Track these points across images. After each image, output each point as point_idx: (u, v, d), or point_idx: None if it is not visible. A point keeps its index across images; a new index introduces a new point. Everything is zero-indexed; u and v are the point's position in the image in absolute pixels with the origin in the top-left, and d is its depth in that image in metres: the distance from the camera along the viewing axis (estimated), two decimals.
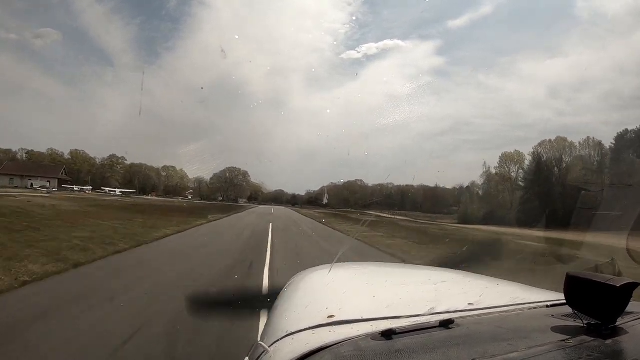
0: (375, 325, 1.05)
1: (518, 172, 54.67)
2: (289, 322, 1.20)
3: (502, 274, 2.81)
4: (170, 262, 9.61)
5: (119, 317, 5.03)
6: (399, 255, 12.42)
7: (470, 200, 55.83)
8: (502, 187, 52.28)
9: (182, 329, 4.51)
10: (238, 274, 7.89)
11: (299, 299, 1.53)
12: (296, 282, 1.80)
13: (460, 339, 0.93)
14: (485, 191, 54.98)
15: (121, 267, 8.38)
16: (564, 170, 45.15)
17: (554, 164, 46.49)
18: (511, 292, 1.50)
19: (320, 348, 0.94)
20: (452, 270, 2.19)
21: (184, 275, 7.55)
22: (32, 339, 4.24)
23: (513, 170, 55.11)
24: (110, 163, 63.40)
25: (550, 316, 1.10)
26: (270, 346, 1.05)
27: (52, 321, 4.80)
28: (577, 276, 0.96)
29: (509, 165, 56.23)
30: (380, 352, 0.88)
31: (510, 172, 55.14)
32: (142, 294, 6.13)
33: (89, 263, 8.16)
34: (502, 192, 51.07)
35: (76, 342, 4.22)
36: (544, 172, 44.64)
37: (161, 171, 70.50)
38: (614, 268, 4.70)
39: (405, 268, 3.37)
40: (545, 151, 49.62)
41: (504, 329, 1.01)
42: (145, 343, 4.22)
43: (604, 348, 0.86)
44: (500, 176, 54.54)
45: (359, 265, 2.37)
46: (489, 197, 52.16)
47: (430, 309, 1.16)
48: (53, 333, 4.44)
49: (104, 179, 59.10)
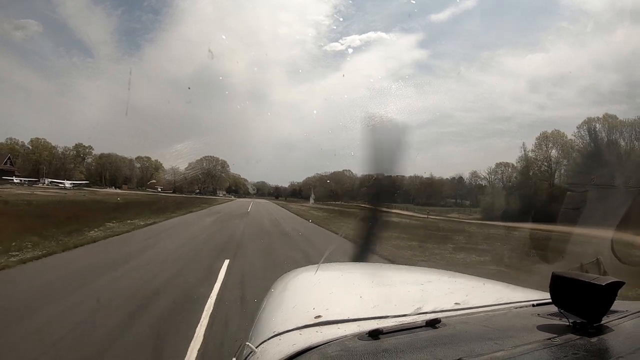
0: (362, 325, 1.07)
1: (563, 157, 45.12)
2: (276, 322, 1.20)
3: None
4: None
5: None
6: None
7: (494, 192, 47.61)
8: (541, 175, 43.80)
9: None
10: None
11: (286, 299, 1.52)
12: (283, 282, 1.76)
13: (446, 338, 0.95)
14: (519, 180, 46.47)
15: None
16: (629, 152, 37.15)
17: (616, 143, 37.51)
18: (497, 292, 1.53)
19: (307, 348, 0.95)
20: (439, 270, 2.39)
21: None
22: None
23: (553, 156, 46.25)
24: (76, 153, 57.31)
25: (537, 315, 1.12)
26: (257, 347, 1.06)
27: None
28: (563, 275, 0.98)
29: (548, 148, 46.56)
30: (367, 351, 0.89)
31: (550, 156, 45.97)
32: None
33: None
34: (542, 181, 42.73)
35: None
36: (603, 154, 36.04)
37: (135, 162, 64.60)
38: (600, 267, 5.01)
39: (392, 268, 3.31)
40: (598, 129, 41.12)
41: (490, 328, 1.03)
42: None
43: (590, 346, 0.88)
44: (544, 161, 44.89)
45: (346, 265, 2.37)
46: (525, 187, 43.04)
47: (417, 308, 1.18)
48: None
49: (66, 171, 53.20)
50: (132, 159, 66.60)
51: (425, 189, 77.64)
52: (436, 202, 72.26)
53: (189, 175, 62.88)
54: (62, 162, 55.75)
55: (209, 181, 65.34)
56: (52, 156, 55.53)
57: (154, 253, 9.89)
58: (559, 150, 44.94)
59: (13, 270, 7.30)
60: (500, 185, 67.28)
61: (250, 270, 8.09)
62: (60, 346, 3.96)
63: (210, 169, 65.07)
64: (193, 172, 60.81)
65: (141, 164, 69.18)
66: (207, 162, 64.52)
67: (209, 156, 64.58)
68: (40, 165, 53.01)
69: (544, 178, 43.04)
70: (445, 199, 76.40)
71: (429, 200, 73.41)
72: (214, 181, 65.63)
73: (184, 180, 63.81)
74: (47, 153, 54.91)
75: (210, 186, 65.65)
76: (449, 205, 73.11)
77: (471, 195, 71.16)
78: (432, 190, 76.30)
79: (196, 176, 63.61)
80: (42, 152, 54.43)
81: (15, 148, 54.34)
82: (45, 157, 54.39)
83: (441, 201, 75.09)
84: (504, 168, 66.32)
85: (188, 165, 61.26)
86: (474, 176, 72.64)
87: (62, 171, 54.32)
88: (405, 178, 79.05)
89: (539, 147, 46.55)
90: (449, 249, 13.58)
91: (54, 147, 55.81)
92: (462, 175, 72.99)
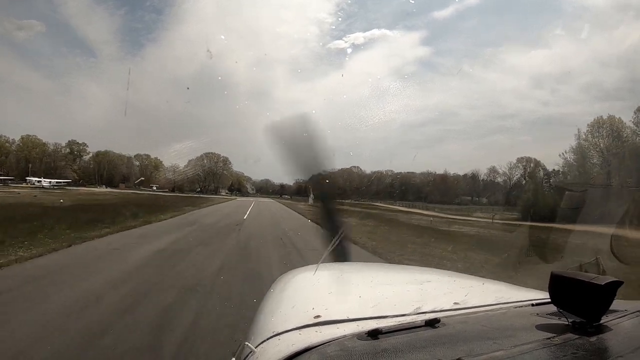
0: (361, 325, 1.08)
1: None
2: (276, 322, 1.22)
3: None
4: None
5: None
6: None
7: (536, 189, 42.34)
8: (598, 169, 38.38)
9: None
10: None
11: (285, 299, 1.54)
12: (282, 282, 1.78)
13: (446, 338, 0.96)
14: (574, 174, 40.91)
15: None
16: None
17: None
18: (496, 291, 1.54)
19: (306, 348, 0.96)
20: (438, 270, 2.33)
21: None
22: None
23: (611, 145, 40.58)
24: (69, 150, 53.57)
25: (536, 315, 1.14)
26: (256, 347, 1.07)
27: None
28: (562, 275, 0.99)
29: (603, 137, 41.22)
30: (367, 351, 0.90)
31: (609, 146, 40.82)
32: None
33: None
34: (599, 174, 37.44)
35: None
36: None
37: (134, 160, 60.96)
38: (599, 267, 5.03)
39: (391, 268, 3.34)
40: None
41: (490, 327, 1.05)
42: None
43: (589, 346, 0.89)
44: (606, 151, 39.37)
45: (345, 265, 2.31)
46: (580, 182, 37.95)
47: (416, 308, 1.19)
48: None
49: (57, 169, 49.53)
50: (130, 157, 63.12)
51: (438, 186, 72.78)
52: (449, 200, 67.48)
53: (189, 173, 59.07)
54: (53, 160, 52.01)
55: (210, 179, 61.16)
56: (43, 154, 51.77)
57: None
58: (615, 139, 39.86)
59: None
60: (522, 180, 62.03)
61: None
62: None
63: (212, 166, 60.85)
64: (193, 170, 56.90)
65: (140, 162, 65.57)
66: (208, 159, 60.56)
67: (210, 153, 60.94)
68: (30, 163, 49.30)
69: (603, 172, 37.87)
70: (461, 196, 71.48)
71: (442, 198, 68.67)
72: (215, 179, 61.44)
73: (185, 179, 59.99)
74: (36, 150, 51.15)
75: (212, 185, 61.50)
76: (465, 204, 68.35)
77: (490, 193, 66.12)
78: (446, 187, 71.34)
79: (197, 174, 59.65)
80: (31, 149, 50.68)
81: (5, 146, 50.73)
82: (34, 155, 50.67)
83: (456, 199, 70.20)
84: (526, 163, 61.13)
85: (188, 163, 57.51)
86: (492, 172, 67.35)
87: (54, 169, 50.58)
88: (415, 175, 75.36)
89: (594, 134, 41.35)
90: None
91: (44, 145, 52.12)
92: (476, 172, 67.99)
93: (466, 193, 68.79)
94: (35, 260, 8.52)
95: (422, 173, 71.63)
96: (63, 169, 53.47)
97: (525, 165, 57.13)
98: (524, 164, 57.15)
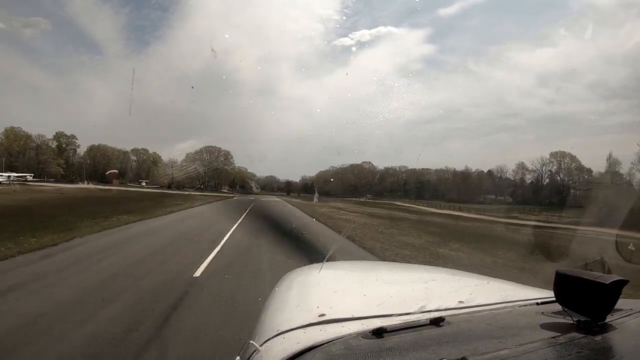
0: (366, 324, 1.08)
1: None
2: (280, 321, 1.23)
3: None
4: None
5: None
6: None
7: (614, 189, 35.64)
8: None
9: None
10: None
11: (290, 297, 1.54)
12: (287, 281, 1.77)
13: (450, 337, 0.97)
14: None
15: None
16: None
17: None
18: (501, 290, 1.53)
19: (311, 347, 0.96)
20: (443, 268, 2.33)
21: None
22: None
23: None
24: (57, 143, 48.01)
25: (541, 313, 1.14)
26: (261, 345, 1.07)
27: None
28: (567, 274, 0.98)
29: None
30: (371, 350, 0.91)
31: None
32: None
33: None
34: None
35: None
36: None
37: (130, 154, 55.52)
38: (604, 266, 4.83)
39: (396, 267, 3.08)
40: None
41: (494, 326, 1.05)
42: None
43: (594, 345, 0.89)
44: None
45: (350, 264, 2.34)
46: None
47: (420, 307, 1.19)
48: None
49: (39, 163, 43.98)
50: (126, 152, 57.68)
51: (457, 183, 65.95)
52: (470, 199, 60.63)
53: (189, 168, 53.36)
54: (36, 154, 46.53)
55: (210, 175, 55.22)
56: (25, 147, 46.25)
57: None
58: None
59: None
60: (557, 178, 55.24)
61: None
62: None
63: (212, 160, 54.76)
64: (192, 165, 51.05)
65: (137, 157, 60.05)
66: (208, 153, 54.46)
67: (210, 146, 54.80)
68: (11, 157, 43.84)
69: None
70: (484, 195, 64.56)
71: (462, 197, 61.77)
72: (216, 175, 55.47)
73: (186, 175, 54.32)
74: (17, 143, 45.61)
75: (213, 181, 55.64)
76: (488, 202, 61.55)
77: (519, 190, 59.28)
78: (466, 185, 64.40)
79: (196, 170, 53.89)
80: (12, 142, 45.19)
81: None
82: (15, 148, 45.19)
83: (478, 197, 63.37)
84: (560, 158, 54.45)
85: (186, 157, 51.85)
86: (520, 168, 60.49)
87: (37, 164, 45.11)
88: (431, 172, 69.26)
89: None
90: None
91: (28, 137, 46.57)
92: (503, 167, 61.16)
93: (489, 191, 62.72)
94: None
95: (438, 170, 65.94)
96: (46, 164, 48.09)
97: (560, 161, 50.92)
98: (558, 159, 50.89)
